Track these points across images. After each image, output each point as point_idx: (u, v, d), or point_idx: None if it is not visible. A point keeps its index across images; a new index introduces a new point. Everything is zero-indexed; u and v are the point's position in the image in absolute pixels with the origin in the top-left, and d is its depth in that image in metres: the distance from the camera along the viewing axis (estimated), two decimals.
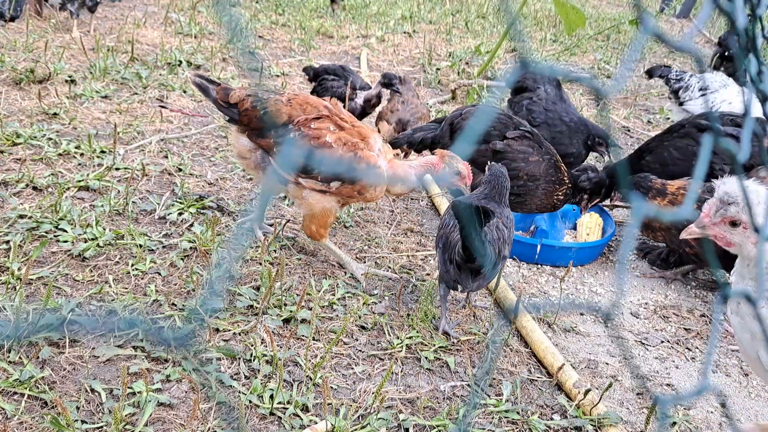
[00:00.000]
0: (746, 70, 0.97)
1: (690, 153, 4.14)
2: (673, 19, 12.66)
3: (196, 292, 3.04)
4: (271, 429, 2.41)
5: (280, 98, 3.28)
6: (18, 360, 2.48)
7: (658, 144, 4.31)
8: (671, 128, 4.36)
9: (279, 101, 3.26)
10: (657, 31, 0.81)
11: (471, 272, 2.91)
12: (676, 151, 4.18)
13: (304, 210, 3.33)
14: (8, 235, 3.18)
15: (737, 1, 0.90)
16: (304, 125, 3.17)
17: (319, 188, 3.21)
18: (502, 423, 2.62)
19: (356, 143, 3.17)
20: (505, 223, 3.02)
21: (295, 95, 3.34)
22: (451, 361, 2.90)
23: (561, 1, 6.25)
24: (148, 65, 5.85)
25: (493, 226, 2.92)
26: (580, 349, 3.18)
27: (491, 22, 10.35)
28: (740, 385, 3.11)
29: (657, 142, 4.33)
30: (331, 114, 3.24)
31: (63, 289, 2.91)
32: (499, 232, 2.95)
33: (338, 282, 3.34)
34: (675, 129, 4.29)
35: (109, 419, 2.29)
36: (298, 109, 3.23)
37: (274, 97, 3.30)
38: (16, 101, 4.70)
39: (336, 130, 3.19)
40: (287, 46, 7.43)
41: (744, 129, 1.02)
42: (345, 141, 3.16)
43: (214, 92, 3.32)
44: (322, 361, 2.72)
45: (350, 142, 3.16)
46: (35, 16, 6.68)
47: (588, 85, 0.86)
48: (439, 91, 6.70)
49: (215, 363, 2.65)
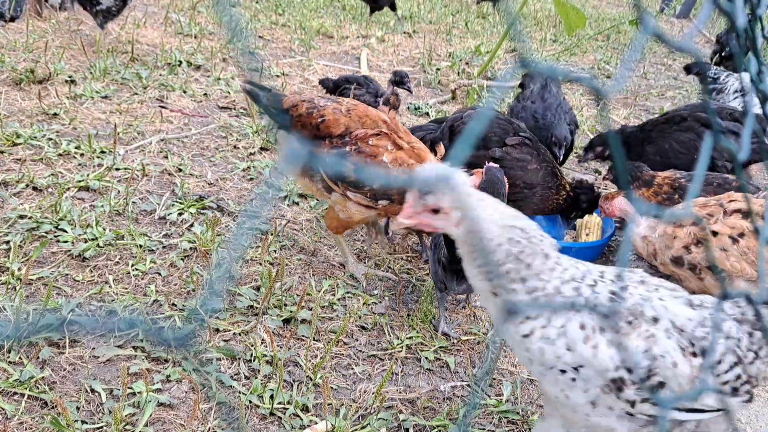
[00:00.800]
0: (746, 70, 0.97)
1: (693, 147, 4.15)
2: (673, 19, 12.66)
3: (196, 292, 3.05)
4: (271, 429, 2.41)
5: (339, 107, 3.16)
6: (18, 360, 2.48)
7: (659, 135, 4.30)
8: (671, 118, 4.34)
9: (338, 110, 3.14)
10: (657, 31, 0.81)
11: (456, 274, 2.87)
12: (678, 144, 4.18)
13: (341, 214, 3.23)
14: (8, 235, 3.18)
15: (737, 1, 0.90)
16: (362, 141, 3.07)
17: (366, 204, 3.13)
18: (502, 423, 2.62)
19: (412, 166, 3.05)
20: None
21: (355, 105, 3.21)
22: (451, 361, 2.90)
23: (561, 1, 6.25)
24: (148, 65, 5.85)
25: None
26: None
27: (491, 22, 10.36)
28: None
29: (657, 133, 4.32)
30: (390, 131, 3.13)
31: (63, 290, 2.91)
32: None
33: (338, 282, 3.34)
34: (676, 121, 4.28)
35: (109, 419, 2.29)
36: (356, 121, 3.12)
37: (332, 105, 3.16)
38: (16, 101, 4.70)
39: (393, 150, 3.08)
40: (287, 46, 7.43)
41: (744, 128, 1.02)
42: (402, 162, 3.06)
43: (265, 98, 3.22)
44: (322, 361, 2.72)
45: (407, 164, 3.06)
46: (35, 16, 6.68)
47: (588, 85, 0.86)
48: (439, 92, 6.70)
49: (215, 363, 2.65)
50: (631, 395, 1.83)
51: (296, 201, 4.10)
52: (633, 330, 1.84)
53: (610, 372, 1.81)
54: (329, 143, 3.10)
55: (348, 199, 3.13)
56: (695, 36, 8.76)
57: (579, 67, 8.23)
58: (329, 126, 3.11)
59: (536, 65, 0.75)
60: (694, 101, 7.29)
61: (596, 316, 1.81)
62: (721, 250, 3.02)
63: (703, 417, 1.94)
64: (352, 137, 3.09)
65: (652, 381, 1.84)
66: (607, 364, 1.80)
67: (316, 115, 3.12)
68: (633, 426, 1.91)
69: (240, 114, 5.27)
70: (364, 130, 3.10)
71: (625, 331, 1.85)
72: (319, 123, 3.11)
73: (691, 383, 1.83)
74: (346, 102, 3.26)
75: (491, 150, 3.82)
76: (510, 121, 3.98)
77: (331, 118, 3.11)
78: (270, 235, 3.57)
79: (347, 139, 3.09)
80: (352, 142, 3.08)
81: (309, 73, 6.60)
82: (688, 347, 1.86)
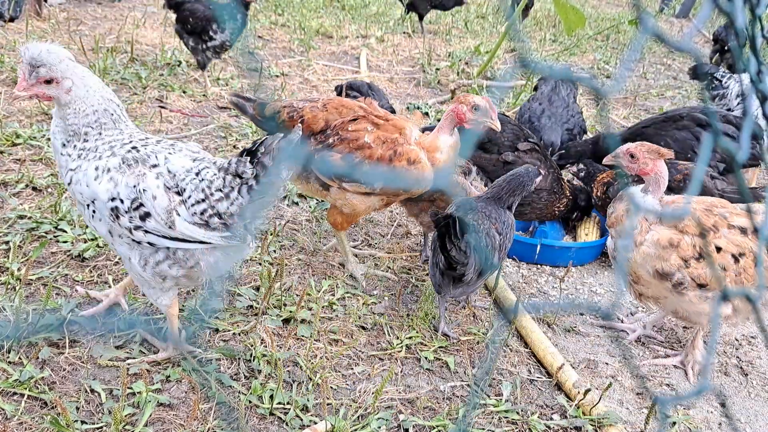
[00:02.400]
0: (746, 70, 0.97)
1: (687, 146, 4.16)
2: (673, 19, 12.66)
3: (196, 292, 3.04)
4: (271, 429, 2.41)
5: (315, 104, 3.22)
6: (18, 360, 2.48)
7: (655, 133, 4.31)
8: (669, 117, 4.37)
9: (315, 108, 3.19)
10: (657, 31, 0.81)
11: (453, 279, 2.92)
12: (675, 143, 4.19)
13: (345, 209, 3.24)
14: (8, 235, 3.18)
15: (737, 1, 0.90)
16: (341, 129, 3.11)
17: (364, 191, 3.15)
18: (502, 423, 2.62)
19: (395, 139, 3.09)
20: (500, 230, 2.95)
21: (330, 99, 3.28)
22: (451, 361, 2.90)
23: (561, 1, 6.25)
24: (147, 65, 5.85)
25: (483, 232, 2.88)
26: (580, 349, 3.18)
27: (491, 22, 10.36)
28: (740, 385, 3.11)
29: (654, 130, 4.33)
30: (366, 113, 3.18)
31: (63, 290, 2.91)
32: (491, 240, 2.90)
33: (338, 282, 3.34)
34: (674, 119, 4.31)
35: (108, 419, 2.29)
36: (334, 113, 3.17)
37: (309, 105, 3.23)
38: (16, 101, 4.70)
39: (373, 129, 3.12)
40: (287, 47, 7.44)
41: (743, 129, 1.02)
42: (384, 139, 3.09)
43: (251, 108, 3.29)
44: (322, 361, 2.72)
45: (389, 140, 3.09)
46: (35, 16, 6.67)
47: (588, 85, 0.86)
48: (439, 91, 6.70)
49: (215, 363, 2.65)
50: (126, 223, 2.28)
51: (296, 201, 4.10)
52: (129, 170, 2.30)
53: (108, 203, 2.28)
54: (315, 140, 3.15)
55: (346, 191, 3.17)
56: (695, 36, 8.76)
57: (579, 67, 8.23)
58: (310, 124, 3.16)
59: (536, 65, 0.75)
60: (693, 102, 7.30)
61: (116, 161, 2.31)
62: (722, 269, 2.79)
63: (190, 247, 2.32)
64: (332, 128, 3.14)
65: (141, 211, 2.27)
66: (105, 196, 2.28)
67: (296, 117, 3.18)
68: (143, 253, 2.35)
69: (239, 114, 5.27)
70: (341, 119, 3.15)
71: (122, 171, 2.30)
72: (301, 124, 3.15)
73: (168, 214, 2.27)
74: (322, 98, 3.33)
75: (504, 154, 3.87)
76: (521, 127, 4.03)
77: (309, 116, 3.17)
78: (270, 235, 3.57)
79: (328, 132, 3.14)
80: (333, 133, 3.13)
81: (308, 73, 6.60)
82: (173, 187, 2.31)
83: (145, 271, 2.37)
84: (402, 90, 6.54)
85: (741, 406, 2.98)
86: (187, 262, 2.36)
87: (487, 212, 2.97)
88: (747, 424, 2.88)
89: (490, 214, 2.96)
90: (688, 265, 2.76)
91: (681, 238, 2.77)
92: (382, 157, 3.05)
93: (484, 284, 3.55)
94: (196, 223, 2.29)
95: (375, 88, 4.79)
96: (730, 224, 2.79)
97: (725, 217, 2.81)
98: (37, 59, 2.26)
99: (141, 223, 2.28)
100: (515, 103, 6.23)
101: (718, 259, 2.75)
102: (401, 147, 3.08)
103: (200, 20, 5.36)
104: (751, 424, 2.88)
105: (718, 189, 3.62)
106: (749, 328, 3.52)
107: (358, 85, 4.89)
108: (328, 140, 3.11)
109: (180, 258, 2.36)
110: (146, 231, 2.29)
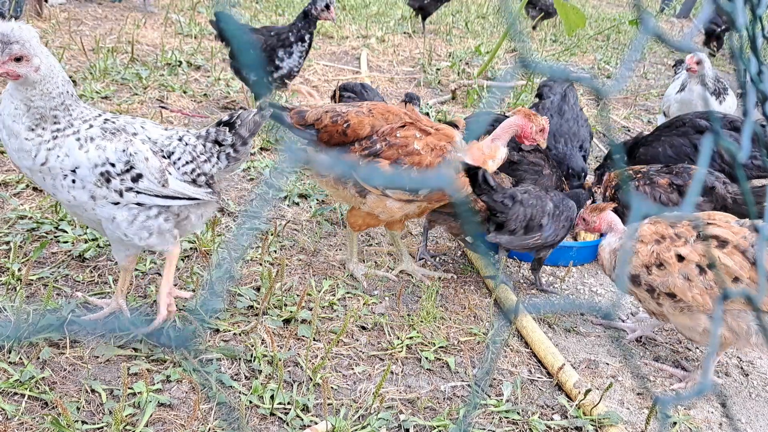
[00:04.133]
0: (746, 70, 0.97)
1: (683, 154, 4.16)
2: (673, 19, 12.66)
3: (196, 292, 3.05)
4: (271, 429, 2.41)
5: (360, 109, 3.19)
6: (18, 361, 2.48)
7: (655, 139, 4.31)
8: (673, 123, 4.37)
9: (360, 113, 3.16)
10: (657, 31, 0.81)
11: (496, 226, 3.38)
12: (671, 148, 4.19)
13: (382, 216, 3.23)
14: (8, 235, 3.18)
15: (737, 1, 0.90)
16: (390, 135, 3.09)
17: (407, 198, 3.13)
18: (503, 423, 2.62)
19: (444, 147, 3.10)
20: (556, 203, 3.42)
21: (375, 104, 3.25)
22: (452, 361, 2.90)
23: (561, 1, 6.25)
24: (148, 66, 5.85)
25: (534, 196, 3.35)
26: (581, 349, 3.18)
27: (491, 22, 10.36)
28: (740, 385, 3.11)
29: (654, 137, 4.34)
30: (413, 120, 3.17)
31: (63, 290, 2.91)
32: (540, 203, 3.35)
33: (338, 282, 3.34)
34: (676, 125, 4.30)
35: (109, 420, 2.29)
36: (380, 118, 3.15)
37: (353, 109, 3.18)
38: None
39: (422, 136, 3.11)
40: None
41: (744, 130, 1.02)
42: (433, 146, 3.09)
43: (288, 117, 3.20)
44: (323, 361, 2.72)
45: (437, 147, 3.10)
46: (35, 16, 6.68)
47: (588, 85, 0.86)
48: (439, 92, 6.70)
49: (215, 363, 2.65)
50: (117, 185, 2.42)
51: (296, 201, 4.10)
52: (115, 137, 2.44)
53: (96, 168, 2.38)
54: (359, 146, 3.11)
55: (386, 198, 3.15)
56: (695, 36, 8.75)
57: (579, 67, 8.23)
58: (356, 129, 3.12)
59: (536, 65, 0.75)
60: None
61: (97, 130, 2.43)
62: (685, 278, 2.70)
63: (182, 203, 2.55)
64: (379, 134, 3.11)
65: (132, 173, 2.43)
66: (90, 163, 2.38)
67: (341, 122, 3.12)
68: (129, 214, 2.48)
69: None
70: (389, 125, 3.13)
71: (108, 138, 2.43)
72: (345, 129, 3.11)
73: (161, 174, 2.47)
74: (366, 103, 3.30)
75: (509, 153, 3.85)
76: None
77: (355, 121, 3.12)
78: (270, 236, 3.57)
79: (375, 138, 3.11)
80: (381, 139, 3.10)
81: (309, 73, 6.60)
82: (158, 151, 2.52)
83: (131, 228, 2.50)
84: (402, 90, 6.53)
85: (741, 406, 2.97)
86: (179, 216, 2.61)
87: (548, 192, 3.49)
88: (747, 424, 2.88)
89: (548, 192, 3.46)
90: (650, 272, 2.78)
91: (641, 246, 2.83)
92: (431, 164, 3.05)
93: (485, 284, 3.55)
94: (186, 182, 2.55)
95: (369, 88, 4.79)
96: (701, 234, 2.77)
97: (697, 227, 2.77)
98: (9, 36, 2.26)
99: (132, 184, 2.44)
100: (515, 103, 6.23)
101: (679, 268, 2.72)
102: (450, 154, 3.08)
103: (264, 51, 4.94)
104: (751, 425, 2.88)
105: (730, 193, 3.61)
106: None
107: (352, 86, 4.88)
108: (375, 146, 3.09)
109: (173, 212, 2.58)
110: (137, 192, 2.46)
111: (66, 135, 2.39)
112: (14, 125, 2.37)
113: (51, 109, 2.36)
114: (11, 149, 2.42)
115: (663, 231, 2.81)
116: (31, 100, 2.33)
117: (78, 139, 2.40)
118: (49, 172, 2.40)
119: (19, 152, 2.40)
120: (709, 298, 2.65)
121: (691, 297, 2.68)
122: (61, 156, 2.37)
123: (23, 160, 2.41)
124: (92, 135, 2.42)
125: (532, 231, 3.33)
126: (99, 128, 2.44)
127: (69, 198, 2.44)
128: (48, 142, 2.37)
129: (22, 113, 2.35)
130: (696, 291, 2.67)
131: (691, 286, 2.68)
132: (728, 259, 2.63)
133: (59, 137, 2.37)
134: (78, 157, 2.37)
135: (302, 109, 3.24)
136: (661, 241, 2.79)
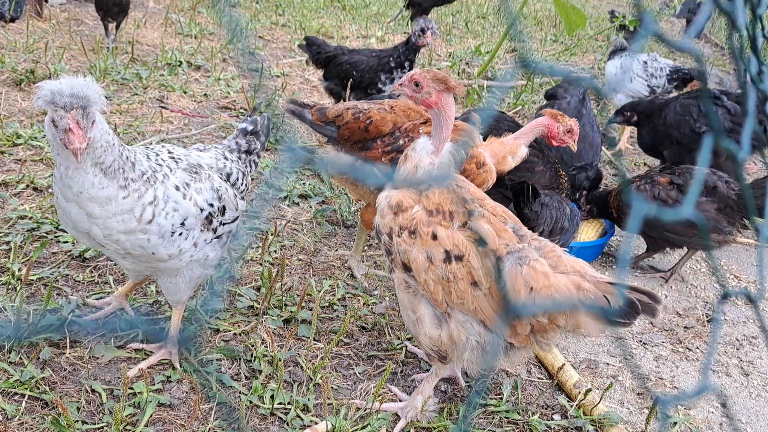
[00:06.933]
0: (746, 70, 0.97)
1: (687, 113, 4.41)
2: (673, 19, 12.66)
3: (196, 292, 3.05)
4: (271, 429, 2.41)
5: (382, 106, 3.18)
6: (19, 361, 2.48)
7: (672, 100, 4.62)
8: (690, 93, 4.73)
9: (382, 109, 3.14)
10: (657, 31, 0.81)
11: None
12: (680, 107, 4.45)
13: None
14: (9, 235, 3.18)
15: (737, 1, 0.90)
16: (413, 131, 3.08)
17: None
18: (503, 423, 2.62)
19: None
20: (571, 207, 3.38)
21: (396, 102, 3.21)
22: None
23: (561, 1, 6.25)
24: (148, 66, 5.85)
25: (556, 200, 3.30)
26: (581, 349, 3.18)
27: (491, 22, 10.36)
28: (741, 385, 3.11)
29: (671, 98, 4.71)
30: None
31: (63, 290, 2.91)
32: (563, 207, 3.28)
33: (338, 282, 3.34)
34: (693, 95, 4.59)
35: (109, 420, 2.29)
36: (401, 115, 3.14)
37: (375, 106, 3.17)
38: (16, 102, 4.71)
39: None
40: (287, 47, 7.43)
41: (744, 128, 1.02)
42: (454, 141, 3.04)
43: (309, 114, 3.18)
44: (323, 361, 2.72)
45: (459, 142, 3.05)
46: (35, 16, 6.68)
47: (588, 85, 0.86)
48: None
49: (216, 363, 2.65)
50: (215, 224, 2.42)
51: (296, 201, 4.10)
52: (197, 176, 2.39)
53: (200, 214, 2.34)
54: (381, 143, 3.10)
55: None
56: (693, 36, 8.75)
57: (579, 67, 8.23)
58: (378, 125, 3.11)
59: (536, 65, 0.75)
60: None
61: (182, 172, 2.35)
62: (427, 259, 2.28)
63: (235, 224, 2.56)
64: (401, 131, 3.10)
65: (219, 206, 2.43)
66: (197, 210, 2.32)
67: (363, 118, 3.12)
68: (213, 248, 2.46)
69: (240, 114, 5.28)
70: (411, 122, 3.12)
71: (196, 180, 2.38)
72: (368, 125, 3.11)
73: (234, 199, 2.52)
74: (387, 100, 3.28)
75: None
76: (515, 122, 3.99)
77: (377, 118, 3.11)
78: (270, 236, 3.57)
79: (397, 134, 3.10)
80: (404, 135, 3.09)
81: (309, 73, 6.60)
82: (224, 177, 2.55)
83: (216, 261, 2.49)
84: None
85: (742, 406, 2.97)
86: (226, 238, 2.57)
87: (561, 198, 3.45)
88: (748, 424, 2.88)
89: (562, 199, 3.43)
90: (400, 234, 2.35)
91: (411, 205, 2.37)
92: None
93: None
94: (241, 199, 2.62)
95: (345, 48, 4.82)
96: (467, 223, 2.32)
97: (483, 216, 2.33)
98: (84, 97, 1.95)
99: (222, 218, 2.45)
100: (516, 103, 6.23)
101: (429, 245, 2.29)
102: (473, 150, 3.06)
103: (367, 72, 4.86)
104: (751, 425, 2.88)
105: (733, 191, 3.61)
106: (750, 329, 3.52)
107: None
108: (398, 142, 3.08)
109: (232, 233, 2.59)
110: (223, 223, 2.46)
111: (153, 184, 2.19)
112: (103, 192, 2.09)
113: (117, 158, 2.10)
114: (105, 217, 2.14)
115: (444, 205, 2.35)
116: (101, 159, 2.06)
117: (177, 187, 2.25)
118: (158, 230, 2.20)
119: (120, 215, 2.14)
120: (441, 289, 2.28)
121: (424, 280, 2.30)
122: (169, 212, 2.21)
123: (127, 222, 2.15)
124: (184, 180, 2.30)
125: (554, 234, 3.26)
126: (181, 170, 2.31)
127: (172, 252, 2.28)
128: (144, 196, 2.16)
129: (102, 177, 2.08)
130: (432, 276, 2.29)
131: (428, 269, 2.29)
132: (475, 258, 2.27)
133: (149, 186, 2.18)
134: (187, 208, 2.27)
135: (323, 106, 3.24)
136: (434, 214, 2.33)
